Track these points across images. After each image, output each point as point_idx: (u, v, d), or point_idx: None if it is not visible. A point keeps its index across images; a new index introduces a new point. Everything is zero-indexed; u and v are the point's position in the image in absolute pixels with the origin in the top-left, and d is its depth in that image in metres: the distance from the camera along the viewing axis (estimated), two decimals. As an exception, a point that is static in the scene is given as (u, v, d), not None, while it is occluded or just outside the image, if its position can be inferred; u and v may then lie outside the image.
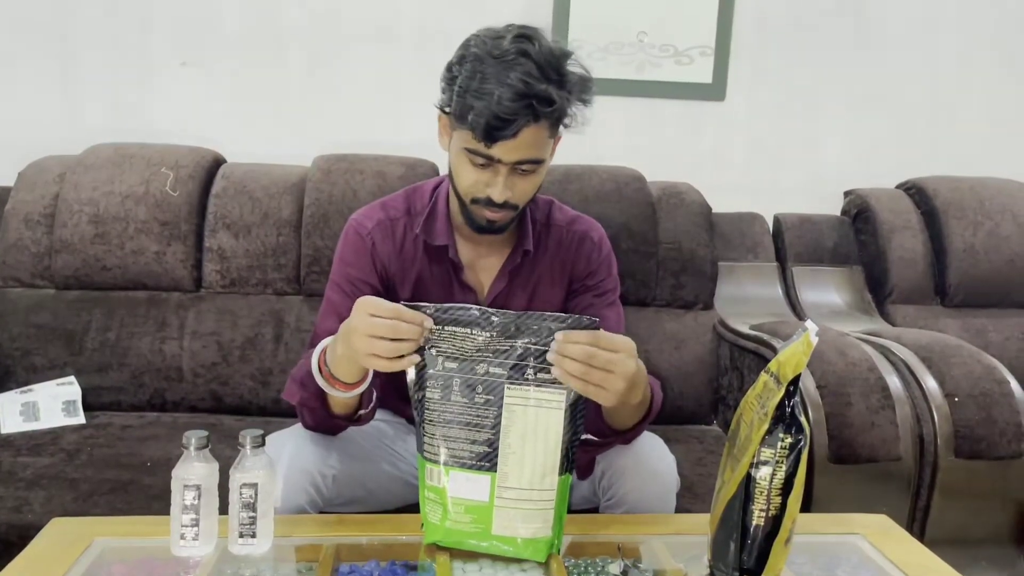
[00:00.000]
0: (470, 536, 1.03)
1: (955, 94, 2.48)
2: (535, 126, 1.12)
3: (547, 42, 1.14)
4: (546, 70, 1.11)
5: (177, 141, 2.09)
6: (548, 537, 1.03)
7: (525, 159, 1.15)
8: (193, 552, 1.00)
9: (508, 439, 1.00)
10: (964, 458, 1.60)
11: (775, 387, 0.93)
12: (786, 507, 0.93)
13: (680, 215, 2.04)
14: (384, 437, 1.37)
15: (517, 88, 1.08)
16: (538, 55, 1.11)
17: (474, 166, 1.17)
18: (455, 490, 1.02)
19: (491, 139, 1.11)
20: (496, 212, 1.20)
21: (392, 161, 2.04)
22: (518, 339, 0.99)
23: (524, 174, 1.18)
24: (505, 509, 1.01)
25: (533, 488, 1.01)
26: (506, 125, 1.09)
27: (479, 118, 1.10)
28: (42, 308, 1.93)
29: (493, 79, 1.09)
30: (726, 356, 1.97)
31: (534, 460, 1.00)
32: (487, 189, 1.17)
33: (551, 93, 1.10)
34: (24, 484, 1.48)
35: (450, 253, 1.29)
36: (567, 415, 1.00)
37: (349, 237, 1.32)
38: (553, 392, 0.99)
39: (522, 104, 1.09)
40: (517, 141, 1.12)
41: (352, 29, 2.31)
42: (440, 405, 1.02)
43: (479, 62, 1.12)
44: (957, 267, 2.21)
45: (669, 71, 2.38)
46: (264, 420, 1.85)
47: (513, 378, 1.00)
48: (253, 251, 1.96)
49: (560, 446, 1.00)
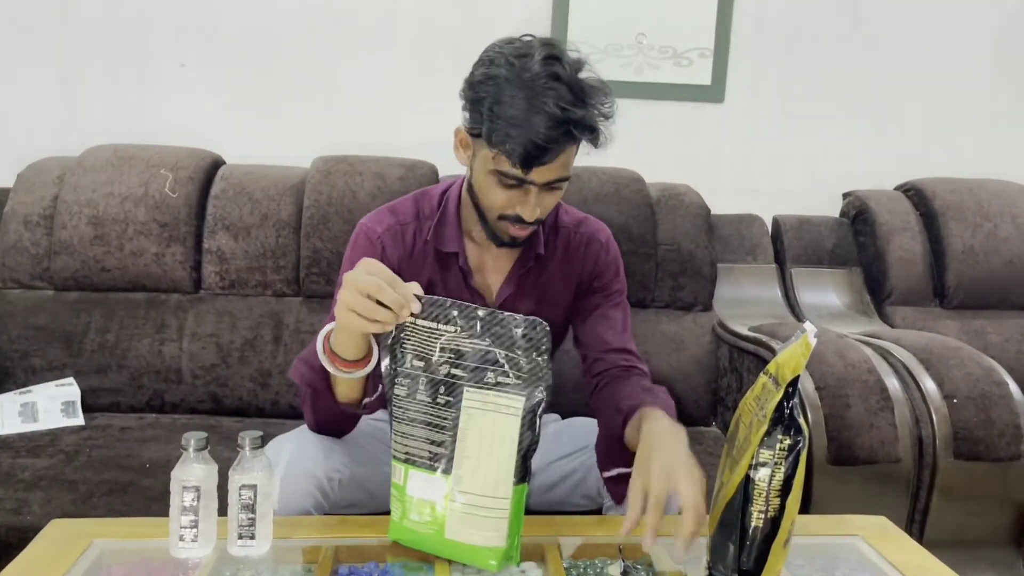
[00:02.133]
0: (425, 538, 1.02)
1: (954, 96, 2.48)
2: (569, 148, 1.14)
3: (571, 58, 1.14)
4: (578, 92, 1.11)
5: (176, 142, 2.09)
6: (501, 547, 0.99)
7: (557, 179, 1.16)
8: (192, 553, 1.00)
9: (465, 442, 0.99)
10: (963, 460, 1.60)
11: (774, 389, 0.93)
12: (785, 508, 0.93)
13: (679, 217, 2.04)
14: (386, 439, 1.37)
15: (555, 115, 1.08)
16: (569, 78, 1.11)
17: (504, 187, 1.17)
18: (413, 489, 1.01)
19: (529, 167, 1.12)
20: (523, 229, 1.20)
21: (392, 163, 2.04)
22: (483, 341, 0.98)
23: (553, 190, 1.19)
24: (458, 514, 0.99)
25: (486, 495, 0.98)
26: (544, 153, 1.10)
27: (516, 146, 1.10)
28: (41, 309, 1.93)
29: (527, 106, 1.09)
30: (725, 358, 1.97)
31: (488, 466, 0.98)
32: (518, 208, 1.18)
33: (588, 118, 1.11)
34: (23, 485, 1.48)
35: (459, 261, 1.29)
36: (524, 422, 0.98)
37: (359, 241, 1.31)
38: (512, 398, 0.98)
39: (561, 132, 1.09)
40: (551, 165, 1.13)
41: (352, 30, 2.31)
42: (405, 403, 1.01)
43: (509, 85, 1.11)
44: (956, 269, 2.21)
45: (668, 73, 2.38)
46: (263, 421, 1.86)
47: (473, 381, 0.99)
48: (252, 252, 1.96)
49: (516, 454, 0.98)
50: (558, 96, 1.09)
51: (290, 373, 1.21)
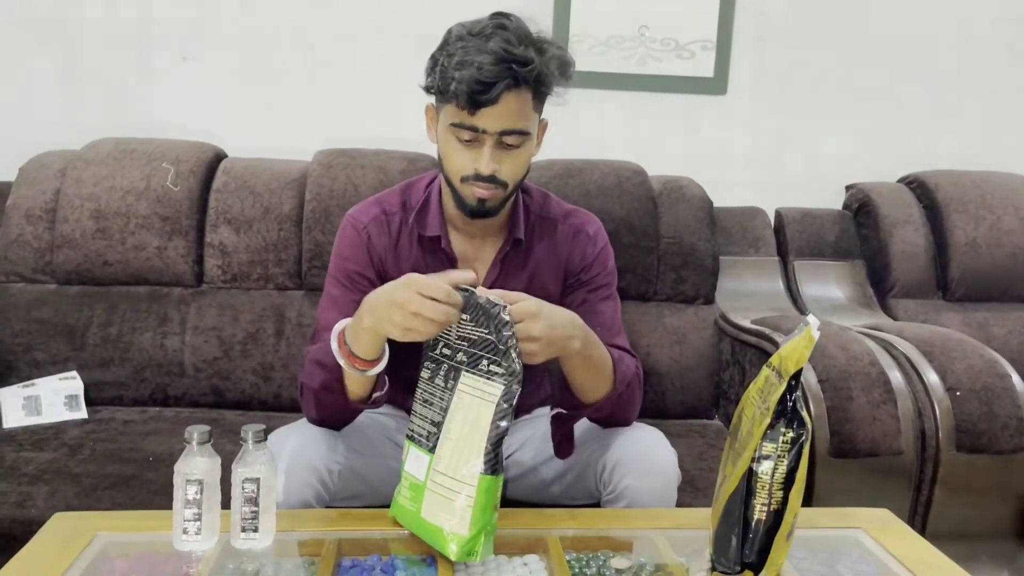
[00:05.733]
0: (410, 516, 1.04)
1: (957, 88, 2.47)
2: (516, 91, 1.15)
3: (524, 22, 1.19)
4: (524, 39, 1.16)
5: (178, 136, 2.09)
6: (464, 536, 0.98)
7: (510, 128, 1.17)
8: (195, 546, 1.00)
9: (451, 423, 1.01)
10: (965, 452, 1.60)
11: (776, 381, 0.93)
12: (787, 501, 0.93)
13: (681, 209, 2.04)
14: (386, 431, 1.38)
15: (497, 54, 1.13)
16: (516, 28, 1.17)
17: (460, 143, 1.19)
18: (409, 466, 1.06)
19: (474, 104, 1.14)
20: (486, 189, 1.20)
21: (393, 155, 2.03)
22: (480, 327, 1.01)
23: (510, 149, 1.19)
24: (433, 493, 1.01)
25: (455, 478, 0.99)
26: (488, 89, 1.12)
27: (461, 85, 1.13)
28: (44, 303, 1.93)
29: (474, 50, 1.14)
30: (727, 351, 1.97)
31: (462, 449, 1.00)
32: (474, 164, 1.19)
33: (530, 55, 1.14)
34: (27, 479, 1.48)
35: (442, 244, 1.30)
36: (497, 410, 0.98)
37: (346, 232, 1.33)
38: (495, 385, 0.99)
39: (502, 67, 1.13)
40: (500, 108, 1.14)
41: (353, 23, 2.31)
42: (425, 384, 1.06)
43: (459, 40, 1.17)
44: (959, 261, 2.21)
45: (670, 65, 2.38)
46: (266, 415, 1.86)
47: (471, 365, 1.01)
48: (254, 246, 1.96)
49: (485, 439, 0.98)
50: (503, 39, 1.14)
51: (302, 376, 1.22)
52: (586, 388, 1.19)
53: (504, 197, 1.23)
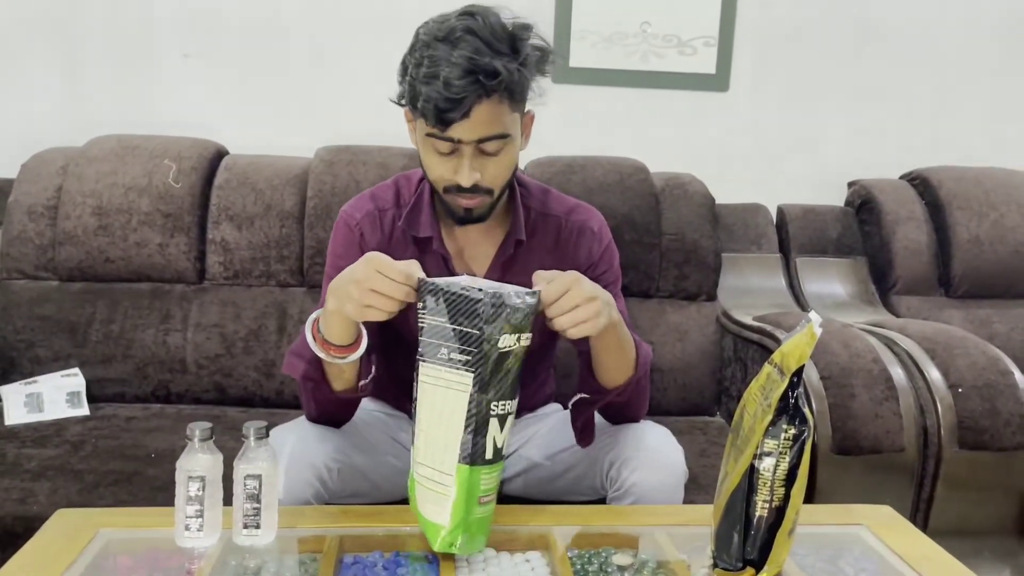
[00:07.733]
0: (414, 508, 1.04)
1: (959, 84, 2.47)
2: (488, 101, 1.09)
3: (495, 17, 1.12)
4: (494, 44, 1.09)
5: (180, 133, 2.09)
6: (444, 527, 0.98)
7: (486, 136, 1.12)
8: (197, 543, 1.00)
9: (420, 415, 1.01)
10: (968, 449, 1.60)
11: (778, 378, 0.93)
12: (789, 498, 0.93)
13: (683, 206, 2.04)
14: (387, 429, 1.37)
15: (463, 66, 1.06)
16: (483, 30, 1.08)
17: (439, 153, 1.15)
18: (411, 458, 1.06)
19: (444, 122, 1.09)
20: (470, 199, 1.17)
21: (394, 152, 2.03)
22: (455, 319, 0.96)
23: (490, 155, 1.15)
24: (420, 485, 1.02)
25: (435, 468, 0.99)
26: (455, 106, 1.07)
27: (428, 103, 1.08)
28: (46, 300, 1.93)
29: (441, 60, 1.07)
30: (729, 347, 1.97)
31: (436, 441, 0.99)
32: (455, 176, 1.15)
33: (496, 66, 1.07)
34: (29, 475, 1.48)
35: (434, 245, 1.28)
36: (472, 400, 0.96)
37: (339, 229, 1.32)
38: (463, 374, 0.96)
39: (468, 81, 1.06)
40: (473, 120, 1.09)
41: (355, 20, 2.30)
42: None
43: (427, 47, 1.10)
44: (961, 258, 2.21)
45: (672, 62, 2.37)
46: (268, 412, 1.86)
47: (428, 356, 0.99)
48: (256, 243, 1.96)
49: (463, 431, 0.97)
50: (471, 47, 1.07)
51: (284, 368, 1.21)
52: (611, 370, 1.16)
53: (492, 202, 1.21)
